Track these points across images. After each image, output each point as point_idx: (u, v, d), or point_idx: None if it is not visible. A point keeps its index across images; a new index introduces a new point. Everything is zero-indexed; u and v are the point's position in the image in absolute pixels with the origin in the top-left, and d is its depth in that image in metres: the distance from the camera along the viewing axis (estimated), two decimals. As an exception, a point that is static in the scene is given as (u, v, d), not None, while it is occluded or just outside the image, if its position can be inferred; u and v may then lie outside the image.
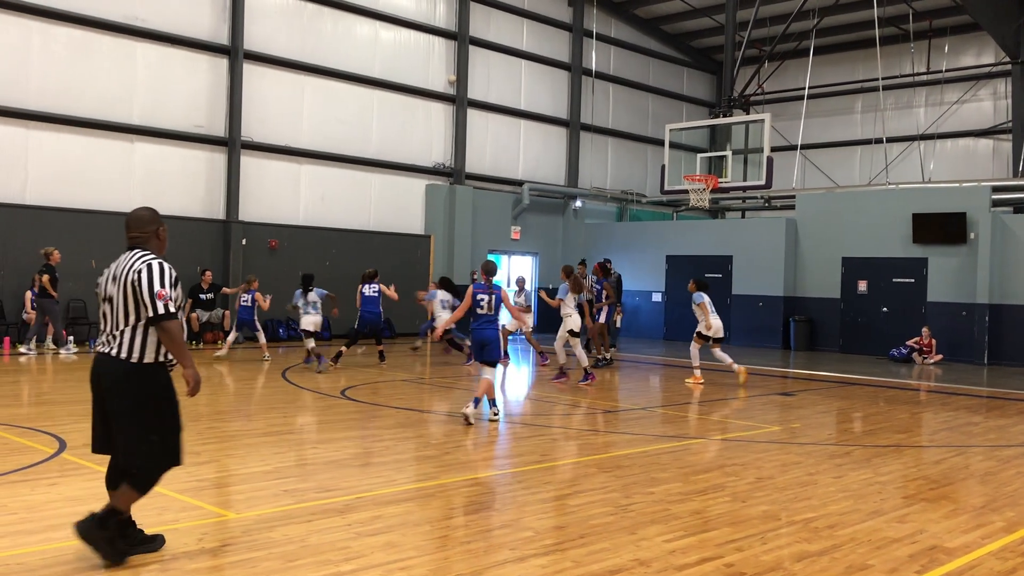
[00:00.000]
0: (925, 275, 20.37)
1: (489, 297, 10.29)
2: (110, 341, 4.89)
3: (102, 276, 5.08)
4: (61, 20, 17.41)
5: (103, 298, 4.99)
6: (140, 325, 4.85)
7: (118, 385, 4.84)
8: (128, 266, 4.89)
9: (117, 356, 4.84)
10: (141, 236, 5.06)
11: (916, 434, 10.37)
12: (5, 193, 16.87)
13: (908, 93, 26.87)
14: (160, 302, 4.79)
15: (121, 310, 4.86)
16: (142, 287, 4.80)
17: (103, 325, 4.99)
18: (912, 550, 5.55)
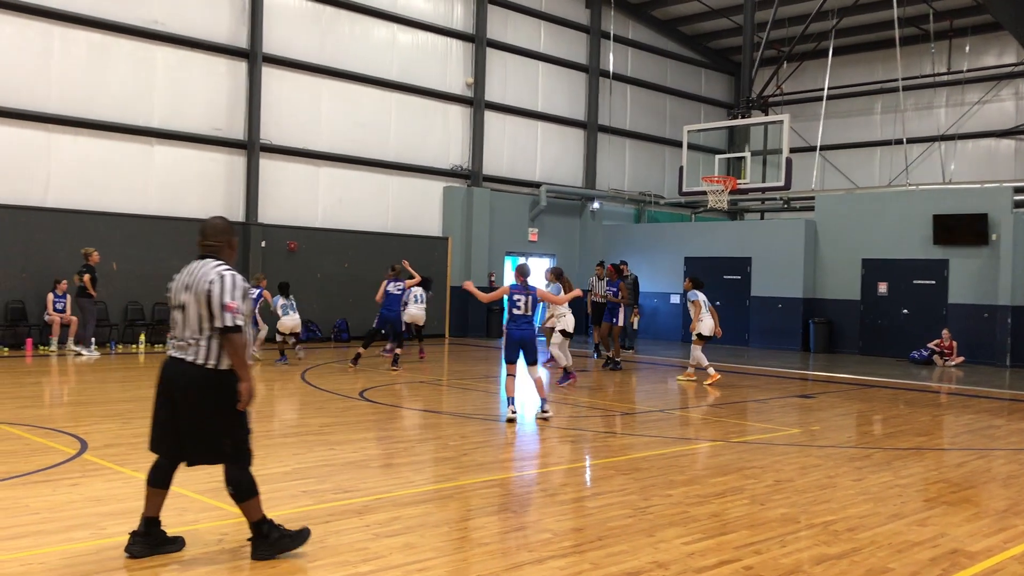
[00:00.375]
0: (946, 277, 20.21)
1: (526, 297, 10.38)
2: (186, 347, 4.97)
3: (173, 281, 5.15)
4: (82, 24, 17.57)
5: (175, 304, 5.07)
6: (215, 334, 4.95)
7: (195, 390, 4.93)
8: (201, 275, 4.99)
9: (194, 362, 4.94)
10: (216, 245, 5.15)
11: (937, 437, 10.29)
12: (27, 196, 17.04)
13: (928, 93, 26.68)
14: (228, 314, 4.89)
15: (196, 318, 4.96)
16: (212, 298, 4.91)
17: (175, 331, 5.06)
18: (933, 554, 5.51)
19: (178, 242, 18.65)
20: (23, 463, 7.19)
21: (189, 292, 4.99)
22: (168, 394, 5.01)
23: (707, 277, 23.68)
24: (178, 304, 5.04)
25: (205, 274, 4.97)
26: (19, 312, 16.78)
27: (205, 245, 5.15)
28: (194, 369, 4.93)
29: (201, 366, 4.92)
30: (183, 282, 5.06)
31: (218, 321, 4.88)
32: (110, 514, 5.79)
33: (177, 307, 5.05)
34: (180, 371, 4.97)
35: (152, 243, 18.31)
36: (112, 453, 7.71)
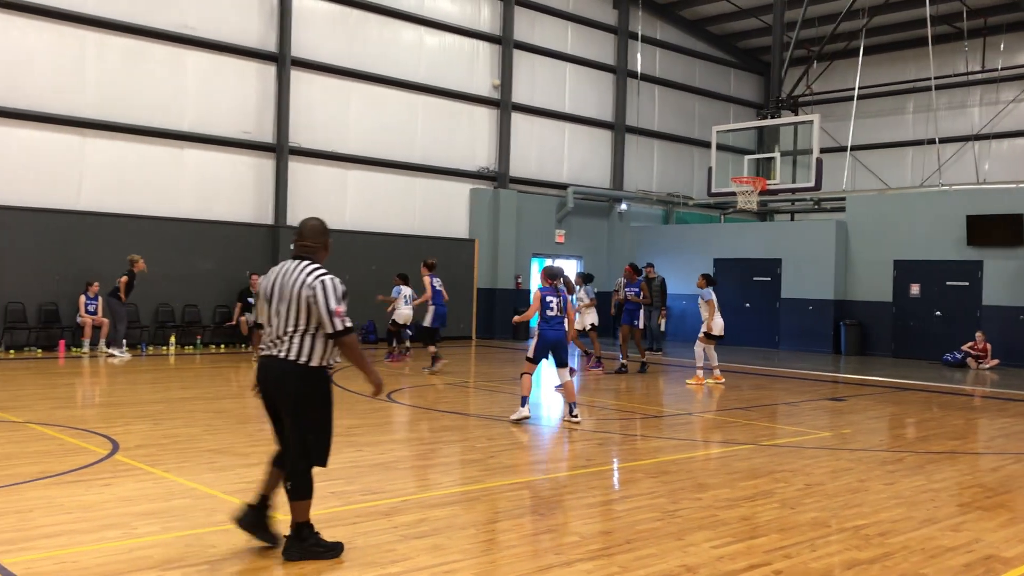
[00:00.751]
0: (980, 278, 19.94)
1: (558, 298, 10.39)
2: (277, 344, 5.07)
3: (264, 280, 5.23)
4: (115, 30, 17.79)
5: (268, 304, 5.15)
6: (308, 332, 5.02)
7: (284, 385, 5.04)
8: (301, 280, 5.02)
9: (284, 358, 5.03)
10: (312, 246, 5.21)
11: (971, 441, 10.15)
12: (61, 199, 17.27)
13: (962, 92, 26.34)
14: (338, 319, 4.99)
15: (290, 318, 5.03)
16: (319, 305, 4.97)
17: (268, 330, 5.14)
18: (967, 559, 5.43)
19: (209, 244, 18.86)
20: (57, 463, 7.28)
21: (283, 292, 5.06)
22: (265, 391, 5.16)
23: (737, 278, 23.71)
24: (271, 303, 5.12)
25: (303, 279, 5.02)
26: (52, 314, 17.01)
27: (302, 246, 5.21)
28: (286, 364, 5.02)
29: (293, 362, 5.02)
30: (276, 281, 5.13)
31: (328, 327, 4.98)
32: (141, 514, 5.84)
33: (271, 306, 5.12)
34: (273, 367, 5.07)
35: (183, 246, 18.50)
36: (143, 454, 7.79)
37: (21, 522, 5.57)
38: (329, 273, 5.08)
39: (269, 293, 5.14)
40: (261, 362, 5.18)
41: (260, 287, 5.24)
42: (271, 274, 5.21)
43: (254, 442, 8.62)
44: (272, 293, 5.13)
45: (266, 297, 5.16)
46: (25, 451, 7.78)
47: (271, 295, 5.13)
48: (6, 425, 9.03)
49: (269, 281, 5.17)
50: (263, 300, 5.22)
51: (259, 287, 5.20)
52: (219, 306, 19.09)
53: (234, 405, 11.09)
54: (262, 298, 5.22)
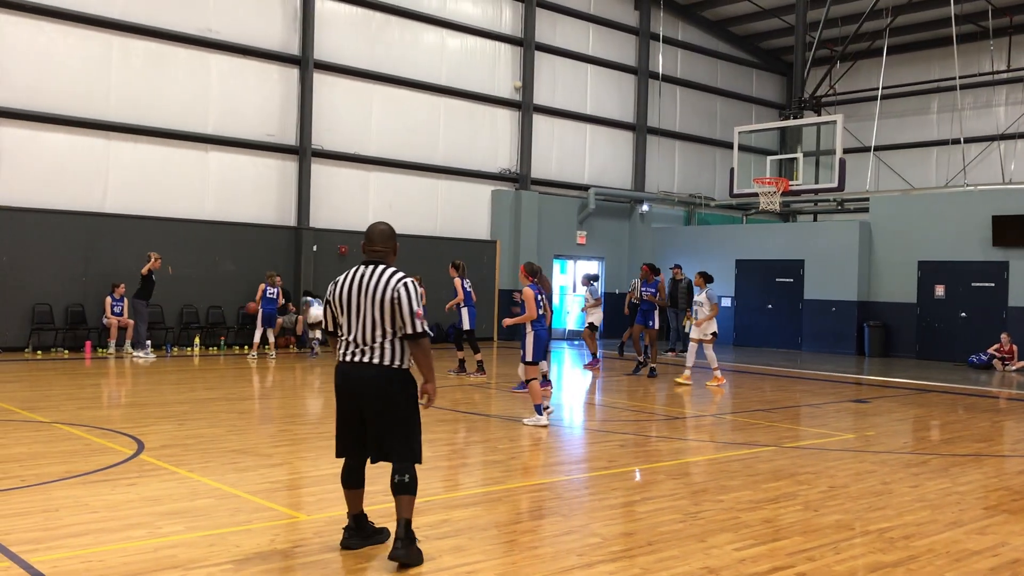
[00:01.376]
0: (1006, 279, 19.73)
1: (542, 295, 10.36)
2: (365, 351, 5.09)
3: (335, 286, 5.23)
4: (139, 34, 17.96)
5: (344, 309, 5.16)
6: (395, 336, 5.10)
7: (375, 390, 5.08)
8: (383, 283, 5.08)
9: (378, 364, 5.08)
10: (383, 250, 5.27)
11: (997, 443, 10.04)
12: (87, 202, 17.46)
13: (987, 92, 26.08)
14: (418, 321, 5.07)
15: (375, 323, 5.08)
16: (402, 307, 5.05)
17: (347, 335, 5.15)
18: (993, 563, 5.37)
19: (232, 246, 19.00)
20: (83, 463, 7.36)
21: (364, 297, 5.08)
22: (351, 396, 5.15)
23: (759, 280, 23.61)
24: (349, 308, 5.13)
25: (385, 282, 5.08)
26: (79, 315, 17.20)
27: (373, 251, 5.26)
28: (376, 369, 5.07)
29: (387, 367, 5.08)
30: (352, 287, 5.14)
31: (409, 328, 5.06)
32: (166, 514, 5.90)
33: (347, 311, 5.14)
34: (360, 373, 5.09)
35: (207, 247, 18.64)
36: (168, 454, 7.86)
37: (48, 521, 5.64)
38: (408, 276, 5.17)
39: (346, 299, 5.14)
40: (345, 368, 5.16)
41: (331, 294, 5.24)
42: (343, 281, 5.21)
43: (277, 443, 8.68)
44: (349, 299, 5.13)
45: (342, 303, 5.16)
46: (52, 451, 7.88)
47: (348, 301, 5.13)
48: (34, 425, 9.14)
49: (343, 287, 5.18)
50: (336, 307, 5.21)
51: (330, 294, 5.24)
52: (242, 307, 19.22)
53: (257, 406, 11.16)
54: (335, 305, 5.21)
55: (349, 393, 5.15)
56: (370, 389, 5.07)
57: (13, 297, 16.62)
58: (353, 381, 5.12)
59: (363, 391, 5.08)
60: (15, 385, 12.69)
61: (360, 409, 5.13)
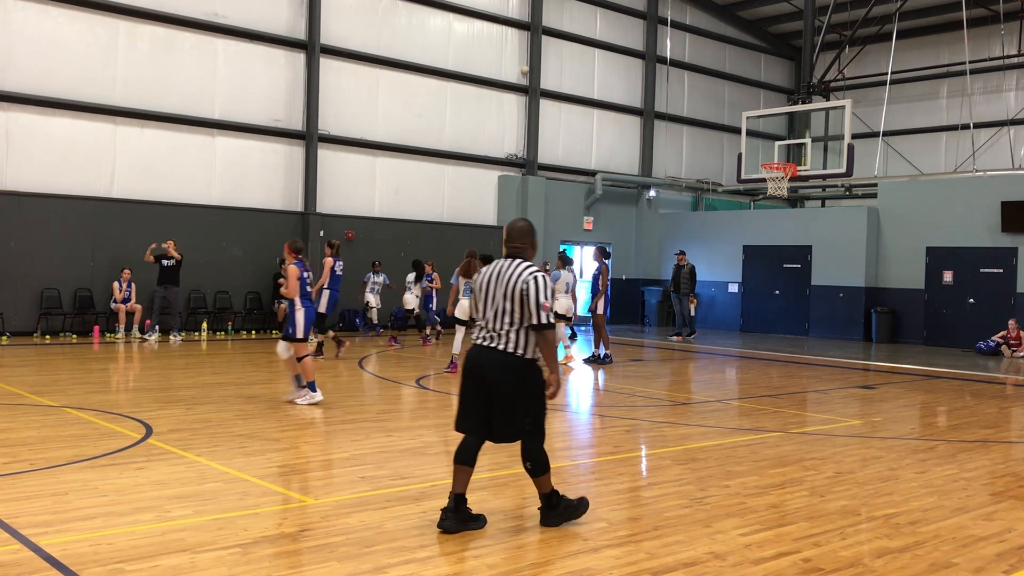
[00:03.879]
0: (1015, 265, 19.66)
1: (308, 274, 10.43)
2: (494, 337, 5.44)
3: (479, 277, 5.62)
4: (146, 19, 17.94)
5: (484, 298, 5.53)
6: (523, 326, 5.42)
7: (504, 375, 5.40)
8: (517, 276, 5.41)
9: (504, 350, 5.41)
10: (521, 246, 5.61)
11: (1004, 429, 10.03)
12: (95, 187, 17.49)
13: (997, 76, 25.91)
14: (544, 313, 5.37)
15: (507, 312, 5.42)
16: (530, 298, 5.36)
17: (483, 323, 5.53)
18: (1000, 549, 5.38)
19: (239, 231, 19.02)
20: (91, 447, 7.40)
21: (500, 289, 5.44)
22: (478, 378, 5.47)
23: (767, 265, 23.56)
24: (488, 298, 5.49)
25: (518, 275, 5.41)
26: (87, 300, 17.26)
27: (512, 247, 5.62)
28: (504, 356, 5.40)
29: (511, 354, 5.40)
30: (492, 278, 5.51)
31: (535, 319, 5.35)
32: (174, 497, 5.93)
33: (487, 301, 5.50)
34: (491, 358, 5.43)
35: (214, 233, 18.67)
36: (176, 438, 7.89)
37: (57, 504, 5.67)
38: (541, 271, 5.47)
39: (485, 289, 5.53)
40: (476, 351, 5.51)
41: (476, 283, 5.62)
42: (486, 271, 5.58)
43: (284, 427, 8.71)
44: (486, 289, 5.52)
45: (482, 292, 5.54)
46: (61, 435, 7.92)
47: (487, 291, 5.51)
48: (42, 409, 9.19)
49: (484, 277, 5.56)
50: (478, 295, 5.58)
51: (475, 283, 5.62)
52: (249, 292, 19.26)
53: (265, 391, 11.20)
54: (477, 293, 5.59)
55: (477, 375, 5.48)
56: (495, 374, 5.41)
57: (22, 282, 16.68)
58: (482, 365, 5.46)
59: (489, 375, 5.42)
60: (24, 369, 12.75)
61: (487, 391, 5.44)
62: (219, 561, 4.71)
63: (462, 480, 5.47)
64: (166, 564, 4.63)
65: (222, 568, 4.61)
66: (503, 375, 5.39)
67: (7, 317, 16.53)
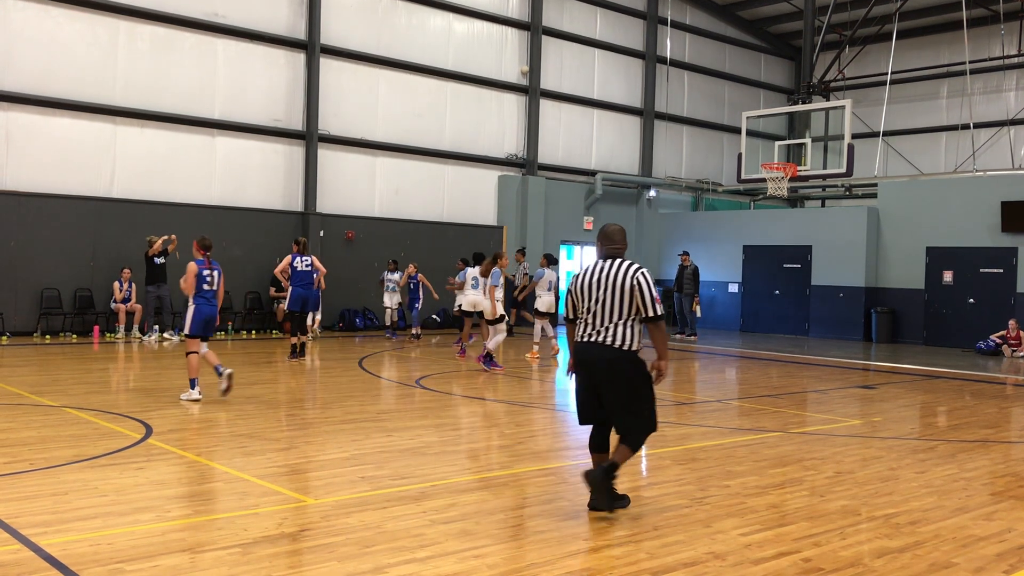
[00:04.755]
0: (1015, 265, 19.66)
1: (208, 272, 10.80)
2: (602, 332, 5.78)
3: (579, 278, 5.94)
4: (146, 18, 17.94)
5: (584, 297, 5.85)
6: (630, 321, 5.78)
7: (614, 368, 5.76)
8: (623, 274, 5.78)
9: (611, 345, 5.76)
10: (620, 247, 6.01)
11: (1004, 429, 10.03)
12: (94, 187, 17.49)
13: (997, 77, 25.91)
14: (657, 306, 5.78)
15: (614, 308, 5.77)
16: (644, 294, 5.75)
17: (587, 319, 5.84)
18: (1000, 549, 5.38)
19: (239, 231, 19.02)
20: (91, 447, 7.40)
21: (607, 287, 5.77)
22: (589, 373, 5.83)
23: (767, 265, 23.57)
24: (592, 297, 5.81)
25: (627, 273, 5.78)
26: (87, 300, 17.26)
27: (611, 248, 5.98)
28: (612, 351, 5.75)
29: (619, 348, 5.75)
30: (595, 279, 5.84)
31: (650, 311, 5.74)
32: (174, 497, 5.93)
33: (590, 299, 5.82)
34: (600, 354, 5.77)
35: (214, 232, 18.52)
36: (176, 438, 7.89)
37: (57, 504, 5.67)
38: (643, 268, 5.87)
39: (587, 288, 5.85)
40: (583, 347, 5.84)
41: (573, 285, 5.95)
42: (586, 273, 5.91)
43: (284, 427, 8.71)
44: (590, 288, 5.84)
45: (584, 292, 5.86)
46: (61, 435, 7.92)
47: (589, 290, 5.84)
48: (42, 409, 9.19)
49: (586, 279, 5.88)
50: (578, 295, 5.90)
51: (573, 285, 5.94)
52: (249, 292, 19.26)
53: (265, 391, 11.20)
54: (576, 294, 5.92)
55: (586, 369, 5.84)
56: (603, 367, 5.76)
57: (22, 282, 16.68)
58: (591, 359, 5.79)
59: (598, 368, 5.77)
60: (24, 369, 12.75)
61: (594, 384, 5.81)
62: (219, 561, 4.71)
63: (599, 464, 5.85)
64: (166, 564, 4.63)
65: (222, 568, 4.61)
66: (613, 369, 5.73)
67: (7, 317, 16.53)
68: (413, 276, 18.40)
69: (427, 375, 12.98)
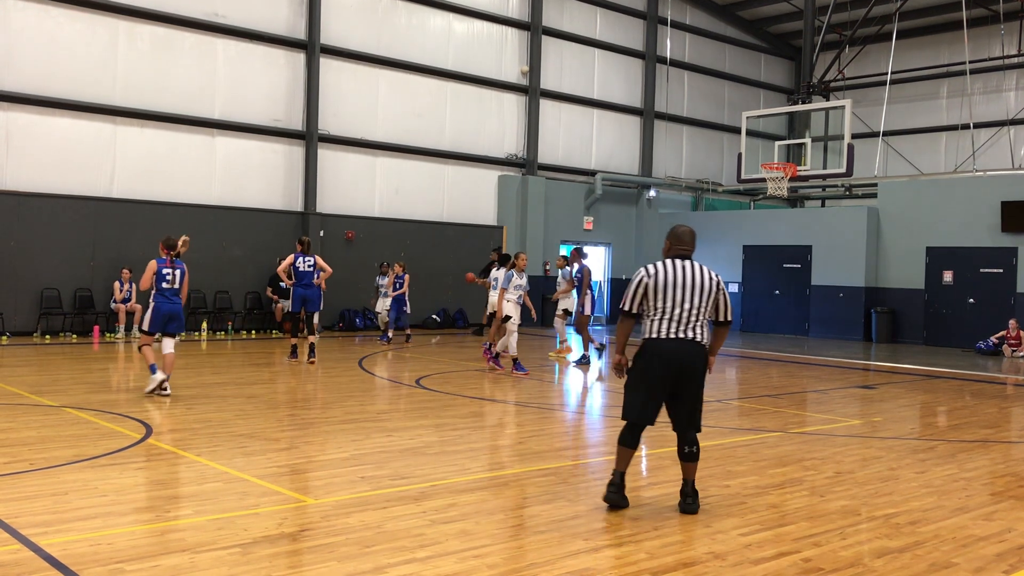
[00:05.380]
0: (1015, 265, 19.67)
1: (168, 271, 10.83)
2: (689, 331, 5.93)
3: (655, 275, 5.95)
4: (146, 19, 17.94)
5: (666, 294, 5.92)
6: (706, 320, 6.03)
7: (699, 366, 5.98)
8: (708, 278, 6.01)
9: (700, 342, 5.97)
10: (691, 249, 6.14)
11: (1004, 429, 10.03)
12: (94, 187, 17.49)
13: (997, 76, 25.91)
14: (730, 310, 6.07)
15: (700, 308, 5.95)
16: (726, 299, 6.05)
17: (669, 315, 5.94)
18: (999, 549, 5.38)
19: (239, 231, 19.02)
20: (91, 447, 7.39)
21: (692, 287, 5.92)
22: (677, 370, 5.91)
23: (767, 265, 23.58)
24: (672, 294, 5.91)
25: (711, 277, 6.03)
26: (87, 300, 17.26)
27: (684, 249, 6.11)
28: (699, 348, 5.97)
29: (703, 345, 5.99)
30: (679, 279, 5.93)
31: (727, 316, 6.03)
32: (174, 497, 5.93)
33: (669, 296, 5.91)
34: (688, 349, 5.92)
35: (215, 232, 18.66)
36: (176, 438, 7.89)
37: (57, 504, 5.67)
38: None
39: (671, 286, 5.92)
40: (674, 345, 5.90)
41: (648, 281, 5.94)
42: (664, 271, 5.95)
43: (283, 427, 8.71)
44: (674, 287, 5.92)
45: (667, 291, 5.91)
46: (61, 435, 7.92)
47: (672, 288, 5.91)
48: (42, 409, 9.19)
49: (667, 276, 5.92)
50: (657, 293, 5.91)
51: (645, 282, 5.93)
52: (249, 292, 19.26)
53: (265, 390, 11.20)
54: (655, 291, 5.92)
55: (677, 367, 5.91)
56: (688, 363, 5.90)
57: (22, 282, 16.68)
58: (683, 357, 5.89)
59: (689, 366, 5.91)
60: (24, 369, 12.75)
61: (674, 381, 5.92)
62: (219, 561, 4.70)
63: (628, 460, 6.03)
64: (166, 564, 4.63)
65: (222, 568, 4.61)
66: (699, 366, 5.94)
67: (7, 317, 16.53)
68: (399, 276, 17.38)
69: (427, 375, 12.98)
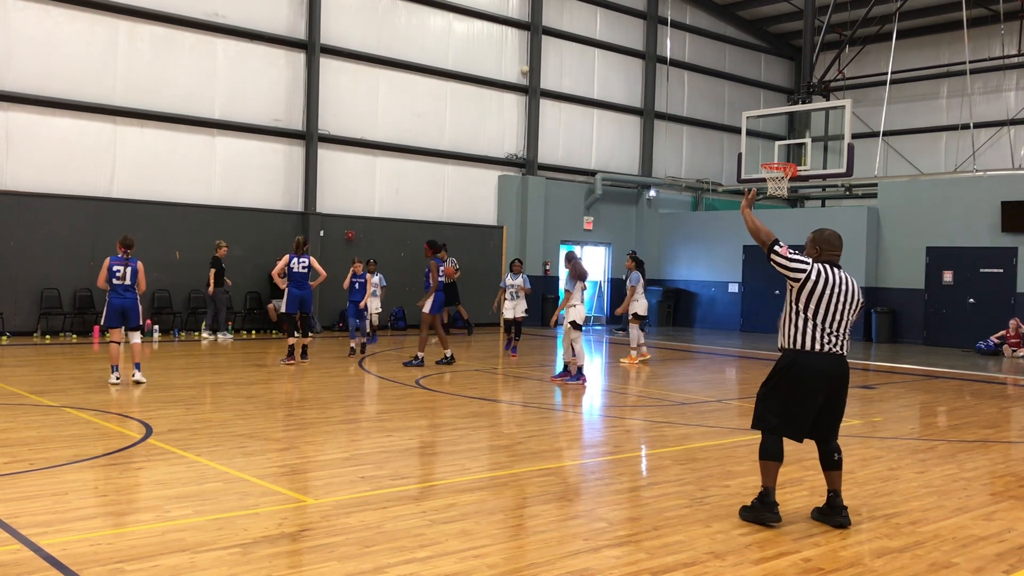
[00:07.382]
0: (1015, 265, 19.66)
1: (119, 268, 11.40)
2: (839, 344, 5.73)
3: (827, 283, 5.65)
4: (146, 18, 17.94)
5: (829, 305, 5.65)
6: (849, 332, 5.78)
7: (844, 379, 5.79)
8: (855, 288, 5.75)
9: (843, 354, 5.75)
10: (839, 254, 5.86)
11: (1004, 429, 10.03)
12: (94, 187, 17.49)
13: (997, 76, 25.91)
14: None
15: (848, 321, 5.73)
16: (860, 306, 5.80)
17: (828, 327, 5.68)
18: (999, 549, 5.38)
19: (239, 231, 19.02)
20: (91, 447, 7.40)
21: (846, 298, 5.68)
22: (832, 386, 5.70)
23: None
24: (832, 306, 5.66)
25: (855, 287, 5.76)
26: (87, 300, 17.25)
27: (833, 254, 5.84)
28: (846, 363, 5.78)
29: (846, 357, 5.76)
30: (836, 288, 5.65)
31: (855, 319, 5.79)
32: (174, 497, 5.93)
33: (829, 308, 5.66)
34: (841, 366, 5.73)
35: (215, 232, 18.64)
36: (176, 438, 7.89)
37: (57, 504, 5.67)
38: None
39: (828, 296, 5.64)
40: (828, 362, 5.66)
41: (822, 287, 5.62)
42: (827, 279, 5.65)
43: (284, 427, 8.71)
44: (832, 297, 5.64)
45: (827, 299, 5.64)
46: (61, 435, 7.92)
47: (830, 298, 5.65)
48: (42, 409, 9.19)
49: (827, 284, 5.63)
50: (819, 299, 5.63)
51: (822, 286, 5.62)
52: (249, 292, 19.26)
53: (265, 390, 11.19)
54: (812, 296, 5.64)
55: (833, 383, 5.69)
56: (842, 381, 5.74)
57: (21, 282, 16.68)
58: (836, 372, 5.69)
59: (837, 384, 5.71)
60: (24, 369, 12.75)
61: (826, 398, 5.70)
62: (219, 561, 4.71)
63: (776, 475, 5.81)
64: (166, 564, 4.63)
65: (222, 568, 4.61)
66: (846, 379, 5.76)
67: (7, 317, 16.53)
68: (359, 275, 15.36)
69: (427, 375, 12.99)
